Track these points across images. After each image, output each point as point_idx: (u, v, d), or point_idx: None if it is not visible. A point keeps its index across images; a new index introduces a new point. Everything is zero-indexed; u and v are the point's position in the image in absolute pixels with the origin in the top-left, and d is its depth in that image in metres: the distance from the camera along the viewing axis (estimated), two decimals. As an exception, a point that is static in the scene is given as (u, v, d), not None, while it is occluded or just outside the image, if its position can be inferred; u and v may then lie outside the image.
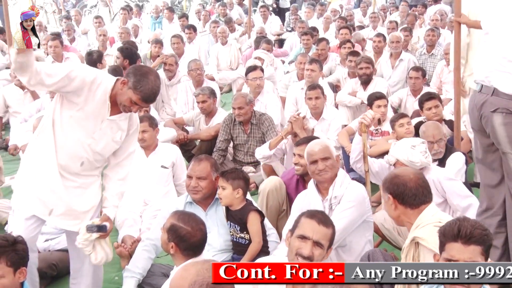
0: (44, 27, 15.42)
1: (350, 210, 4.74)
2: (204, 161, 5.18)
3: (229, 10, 17.61)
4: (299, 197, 5.12)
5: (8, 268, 3.70)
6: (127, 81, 4.58)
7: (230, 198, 4.84)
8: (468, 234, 3.13)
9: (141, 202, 6.20)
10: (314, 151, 4.87)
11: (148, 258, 4.89)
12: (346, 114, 8.47)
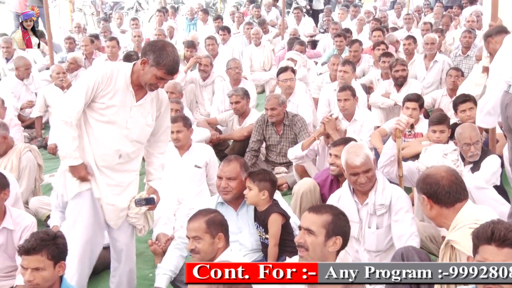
0: (83, 29, 15.54)
1: (414, 216, 4.85)
2: (234, 161, 5.18)
3: (267, 12, 17.70)
4: (331, 197, 5.07)
5: (48, 261, 3.74)
6: (147, 59, 4.59)
7: (255, 199, 4.82)
8: (502, 237, 3.06)
9: (175, 201, 6.23)
10: (356, 165, 4.75)
11: (180, 256, 4.88)
12: (379, 115, 8.43)
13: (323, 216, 3.69)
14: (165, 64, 4.57)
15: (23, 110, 9.94)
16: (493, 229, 3.08)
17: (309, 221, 3.70)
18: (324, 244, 3.64)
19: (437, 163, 4.97)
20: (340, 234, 3.68)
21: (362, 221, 4.82)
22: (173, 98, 7.95)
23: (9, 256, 5.07)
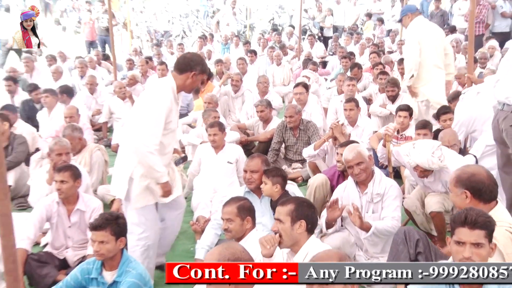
0: (139, 52, 15.67)
1: (399, 205, 4.80)
2: (256, 158, 5.27)
3: (289, 38, 17.73)
4: (338, 188, 5.10)
5: (111, 236, 3.82)
6: (196, 71, 4.61)
7: (270, 191, 4.87)
8: (474, 221, 3.04)
9: (211, 190, 6.25)
10: (349, 159, 4.81)
11: (215, 235, 4.95)
12: (377, 122, 8.41)
13: (287, 206, 3.69)
14: (207, 69, 4.97)
15: (93, 117, 10.06)
16: (466, 214, 3.06)
17: (278, 212, 3.72)
18: (291, 228, 3.63)
19: (426, 161, 4.93)
20: (303, 218, 3.66)
21: (362, 207, 4.83)
22: (211, 107, 8.01)
23: (82, 231, 5.14)
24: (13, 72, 11.53)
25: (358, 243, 4.91)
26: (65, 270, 5.03)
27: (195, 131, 8.25)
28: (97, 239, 3.80)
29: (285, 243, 3.66)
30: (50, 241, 5.34)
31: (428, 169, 5.00)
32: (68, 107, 7.95)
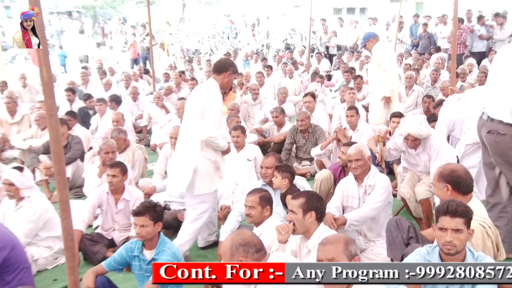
0: (174, 67, 15.74)
1: (383, 194, 4.70)
2: (271, 156, 5.30)
3: (300, 55, 17.70)
4: (341, 182, 5.06)
5: (150, 221, 3.83)
6: (229, 71, 4.95)
7: (279, 184, 4.89)
8: (454, 210, 3.06)
9: (233, 183, 6.28)
10: (351, 154, 4.82)
11: (236, 221, 4.95)
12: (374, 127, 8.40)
13: (299, 200, 3.69)
14: (236, 70, 5.13)
15: (135, 121, 10.14)
16: (448, 205, 3.09)
17: (291, 204, 3.73)
18: (303, 218, 3.64)
19: (416, 129, 5.10)
20: (313, 209, 3.66)
21: (360, 197, 4.83)
22: (234, 114, 8.04)
23: (127, 217, 5.23)
24: (72, 84, 11.66)
25: (357, 230, 4.89)
26: (113, 248, 5.11)
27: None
28: (138, 223, 3.83)
29: (298, 231, 3.68)
30: (101, 224, 5.44)
31: (418, 136, 5.07)
32: (115, 113, 8.04)
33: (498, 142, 4.19)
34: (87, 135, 8.20)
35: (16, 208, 5.03)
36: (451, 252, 3.05)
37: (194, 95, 5.12)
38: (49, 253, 5.08)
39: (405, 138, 5.26)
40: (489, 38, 14.49)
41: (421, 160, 5.34)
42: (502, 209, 4.55)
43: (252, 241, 3.05)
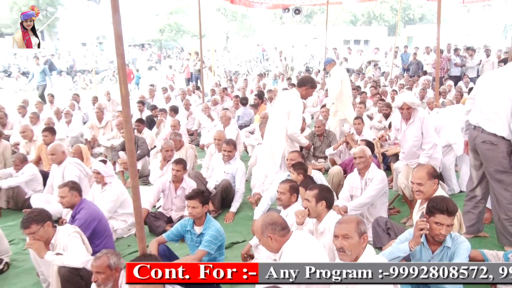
0: (219, 84, 15.81)
1: (379, 186, 4.68)
2: (295, 152, 5.26)
3: (316, 75, 17.55)
4: (348, 177, 5.04)
5: (199, 204, 3.83)
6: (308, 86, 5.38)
7: (295, 178, 4.81)
8: (451, 211, 3.06)
9: (263, 176, 6.20)
10: (356, 152, 4.84)
11: (267, 204, 4.92)
12: (375, 133, 8.27)
13: (313, 191, 3.66)
14: (315, 85, 5.51)
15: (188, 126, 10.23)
16: (447, 206, 3.06)
17: (307, 194, 3.69)
18: (316, 206, 3.60)
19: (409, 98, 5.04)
20: (324, 199, 3.62)
21: (362, 188, 4.80)
22: (264, 121, 7.97)
23: (182, 200, 5.24)
24: (142, 98, 11.83)
25: (362, 214, 4.85)
26: (170, 224, 5.15)
27: (253, 136, 8.29)
28: (190, 205, 3.84)
29: (311, 215, 3.66)
30: (162, 205, 5.48)
31: (410, 104, 4.96)
32: (173, 120, 8.08)
33: (490, 150, 4.16)
34: (152, 136, 8.31)
35: (101, 191, 5.15)
36: (441, 240, 3.10)
37: (281, 100, 5.58)
38: (124, 225, 5.17)
39: (400, 108, 5.06)
40: (462, 65, 14.96)
41: (411, 133, 5.11)
42: (478, 201, 4.54)
43: (278, 221, 3.04)
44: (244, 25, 41.85)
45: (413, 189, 3.78)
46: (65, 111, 9.38)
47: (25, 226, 3.55)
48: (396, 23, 21.04)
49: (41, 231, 3.58)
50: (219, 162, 5.90)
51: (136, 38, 37.70)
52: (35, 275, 4.21)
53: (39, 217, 3.58)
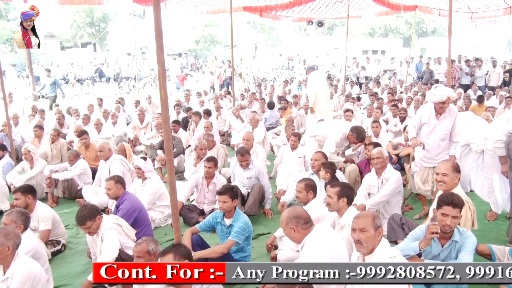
0: (248, 90, 15.86)
1: (394, 185, 4.60)
2: (318, 153, 5.18)
3: (337, 82, 17.38)
4: (366, 176, 4.96)
5: (229, 199, 3.82)
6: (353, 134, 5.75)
7: (323, 176, 4.80)
8: (456, 203, 3.02)
9: (288, 174, 6.16)
10: (374, 153, 4.78)
11: (291, 196, 4.92)
12: (391, 135, 8.12)
13: (335, 188, 3.62)
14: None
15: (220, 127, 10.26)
16: (452, 198, 3.04)
17: (329, 191, 3.66)
18: (337, 202, 3.57)
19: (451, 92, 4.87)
20: (345, 196, 3.59)
21: (378, 187, 4.71)
22: (290, 123, 7.94)
23: (214, 195, 5.22)
24: (178, 101, 11.96)
25: (378, 210, 4.75)
26: (203, 216, 5.17)
27: (280, 137, 8.26)
28: (221, 200, 3.84)
29: (332, 209, 3.64)
30: (195, 199, 5.50)
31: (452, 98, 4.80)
32: (206, 122, 8.11)
33: None
34: (187, 136, 8.36)
35: (142, 184, 5.22)
36: (447, 231, 3.05)
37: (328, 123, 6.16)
38: (161, 216, 5.23)
39: (441, 103, 4.76)
40: (472, 75, 14.80)
41: (441, 128, 4.93)
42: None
43: (302, 215, 3.02)
44: (271, 36, 41.83)
45: (437, 179, 3.71)
46: (111, 113, 9.57)
47: (81, 223, 3.67)
48: (410, 35, 20.67)
49: (94, 225, 3.68)
50: (238, 169, 5.61)
51: (174, 48, 38.22)
52: (87, 256, 4.32)
53: (91, 214, 3.68)
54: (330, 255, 2.81)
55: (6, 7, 26.24)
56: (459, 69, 14.63)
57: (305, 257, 2.89)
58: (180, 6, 13.42)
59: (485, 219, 5.07)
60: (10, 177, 6.10)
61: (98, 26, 37.34)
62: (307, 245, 2.94)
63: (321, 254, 2.79)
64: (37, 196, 4.72)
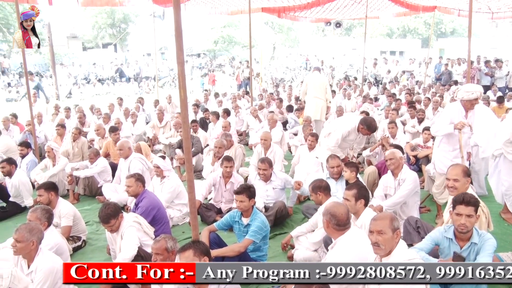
0: (265, 90, 15.86)
1: (410, 185, 4.52)
2: (335, 157, 5.03)
3: (352, 83, 17.24)
4: (383, 177, 4.88)
5: (246, 198, 3.82)
6: (363, 126, 5.42)
7: (349, 176, 4.73)
8: (468, 201, 2.98)
9: (305, 174, 6.13)
10: (387, 155, 4.72)
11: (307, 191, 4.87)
12: (409, 137, 7.99)
13: (352, 190, 3.61)
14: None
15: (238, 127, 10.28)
16: (464, 197, 3.01)
17: (346, 194, 3.65)
18: (355, 204, 3.56)
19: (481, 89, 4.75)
20: (362, 198, 3.59)
21: (395, 188, 4.64)
22: (307, 124, 7.92)
23: (231, 194, 5.22)
24: (197, 101, 12.03)
25: (395, 211, 4.68)
26: (220, 214, 5.18)
27: (297, 137, 8.23)
28: (238, 199, 3.84)
29: (350, 212, 3.59)
30: (213, 197, 5.50)
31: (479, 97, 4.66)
32: (224, 122, 8.13)
33: None
34: (205, 136, 8.40)
35: (160, 183, 5.25)
36: (463, 231, 3.01)
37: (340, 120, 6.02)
38: (179, 214, 5.26)
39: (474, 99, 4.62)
40: (492, 76, 14.58)
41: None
42: None
43: (339, 217, 3.01)
44: (289, 37, 41.69)
45: (448, 185, 3.64)
46: (131, 112, 9.68)
47: (106, 221, 3.72)
48: (429, 36, 20.35)
49: (116, 223, 3.73)
50: (259, 183, 5.18)
51: (193, 49, 38.49)
52: (106, 252, 4.37)
53: (114, 212, 3.73)
54: (358, 260, 2.78)
55: (32, 9, 26.73)
56: (478, 70, 14.43)
57: (332, 257, 2.93)
58: (199, 7, 13.48)
59: (504, 222, 4.95)
60: (34, 174, 6.23)
61: (119, 27, 37.91)
62: (338, 246, 2.98)
63: (349, 258, 2.80)
64: (59, 193, 4.80)
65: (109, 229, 3.77)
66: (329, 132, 5.87)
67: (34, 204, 5.48)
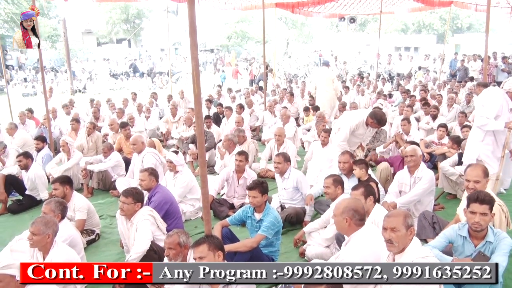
0: (279, 86, 15.79)
1: (426, 185, 4.48)
2: (346, 153, 4.96)
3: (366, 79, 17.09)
4: (398, 173, 4.85)
5: (259, 194, 3.78)
6: (373, 120, 5.33)
7: (359, 174, 4.67)
8: (482, 199, 2.94)
9: (318, 170, 6.07)
10: (408, 151, 4.66)
11: (319, 191, 4.93)
12: (424, 134, 7.89)
13: (359, 190, 3.60)
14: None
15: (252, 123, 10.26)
16: (478, 195, 2.97)
17: (353, 194, 3.61)
18: (365, 202, 3.52)
19: None
20: (371, 194, 3.58)
21: (410, 185, 4.59)
22: (320, 119, 7.88)
23: (244, 189, 5.21)
24: (210, 97, 12.04)
25: (408, 209, 4.62)
26: (233, 210, 5.20)
27: (310, 133, 8.18)
28: (251, 195, 3.81)
29: None
30: (226, 193, 5.52)
31: None
32: (237, 117, 8.14)
33: None
34: (218, 132, 8.41)
35: (173, 178, 5.28)
36: (478, 229, 2.97)
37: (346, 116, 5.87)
38: (192, 209, 5.27)
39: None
40: (509, 72, 14.46)
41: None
42: None
43: (361, 211, 3.01)
44: (303, 32, 41.45)
45: (469, 186, 3.55)
46: (145, 107, 9.73)
47: (126, 195, 3.78)
48: (444, 31, 20.03)
49: (130, 206, 3.76)
50: (278, 179, 5.14)
51: (206, 44, 38.55)
52: (119, 246, 4.42)
53: (137, 196, 3.80)
54: (372, 257, 2.78)
55: (48, 5, 27.10)
56: (495, 66, 14.28)
57: (347, 254, 2.90)
58: (213, 2, 13.47)
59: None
60: (49, 167, 6.32)
61: (133, 22, 38.14)
62: (352, 243, 2.95)
63: (363, 255, 2.79)
64: (74, 187, 4.85)
65: (124, 207, 3.76)
66: (339, 127, 5.81)
67: (49, 197, 5.55)
